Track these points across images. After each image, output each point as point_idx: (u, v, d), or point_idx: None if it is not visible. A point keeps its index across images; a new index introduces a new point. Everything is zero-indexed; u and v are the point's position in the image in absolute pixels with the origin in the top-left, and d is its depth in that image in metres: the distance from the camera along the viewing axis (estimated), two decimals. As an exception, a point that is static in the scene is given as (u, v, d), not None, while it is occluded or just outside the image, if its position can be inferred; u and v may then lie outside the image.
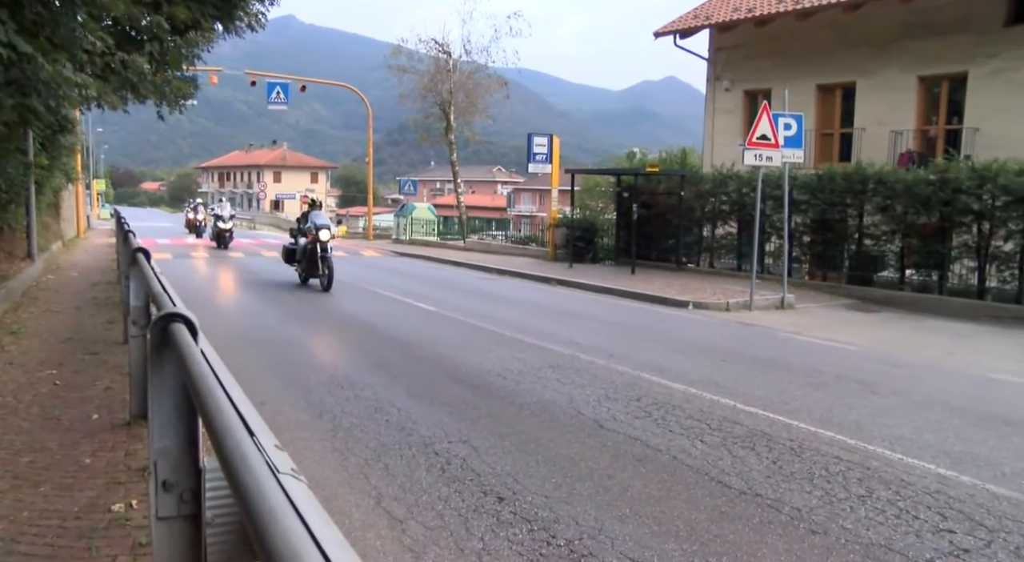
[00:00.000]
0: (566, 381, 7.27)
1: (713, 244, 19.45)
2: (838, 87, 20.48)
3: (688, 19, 22.73)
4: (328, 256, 13.91)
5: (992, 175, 13.56)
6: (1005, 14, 17.28)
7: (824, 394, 7.15)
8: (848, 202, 16.03)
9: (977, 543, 3.90)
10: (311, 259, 14.08)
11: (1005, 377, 8.38)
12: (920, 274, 15.36)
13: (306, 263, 14.32)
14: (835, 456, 5.20)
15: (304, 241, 14.50)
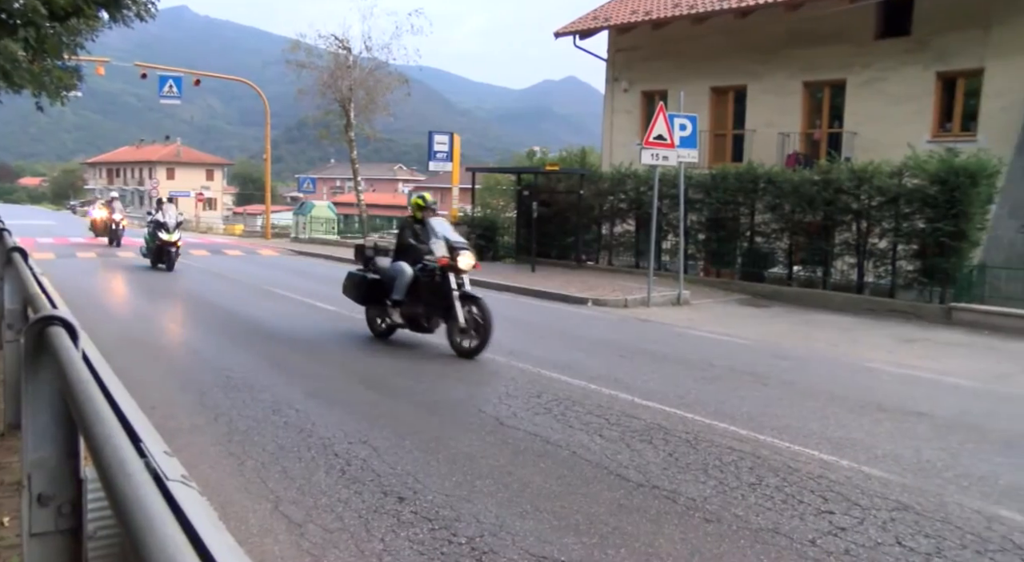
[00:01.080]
0: (467, 379, 7.29)
1: (612, 242, 19.83)
2: (730, 90, 21.21)
3: (587, 20, 23.09)
4: (476, 297, 8.51)
5: (868, 176, 14.34)
6: (876, 28, 18.34)
7: (718, 387, 7.40)
8: (740, 201, 16.63)
9: (852, 521, 4.13)
10: (441, 300, 8.54)
11: (880, 366, 8.90)
12: (806, 270, 16.09)
13: (429, 307, 8.77)
14: (728, 446, 5.40)
15: (408, 270, 8.94)
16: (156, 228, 17.11)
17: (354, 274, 9.78)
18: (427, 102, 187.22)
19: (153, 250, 17.26)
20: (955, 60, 17.17)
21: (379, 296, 9.29)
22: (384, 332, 9.51)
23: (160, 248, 17.04)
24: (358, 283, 9.59)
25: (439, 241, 8.76)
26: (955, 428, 6.21)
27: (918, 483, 4.79)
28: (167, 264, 17.07)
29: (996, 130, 16.46)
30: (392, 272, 9.10)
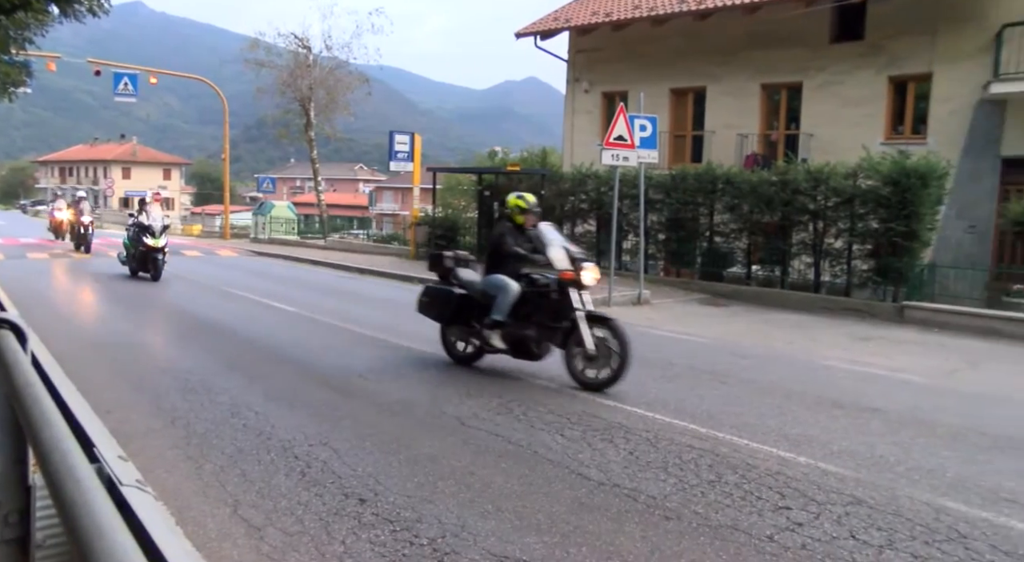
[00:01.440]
0: (428, 380, 7.27)
1: (573, 242, 19.86)
2: (690, 91, 21.43)
3: (548, 21, 23.16)
4: (606, 318, 7.29)
5: (824, 177, 14.60)
6: (831, 32, 18.70)
7: (678, 385, 7.48)
8: (700, 201, 16.81)
9: (808, 517, 4.20)
10: (559, 321, 7.29)
11: (836, 363, 9.07)
12: (765, 269, 16.33)
13: (542, 329, 7.45)
14: (688, 445, 5.45)
15: (513, 285, 7.54)
16: (140, 232, 15.07)
17: (437, 288, 8.17)
18: (388, 102, 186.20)
19: (136, 257, 15.29)
20: (906, 65, 17.56)
21: (468, 315, 7.87)
22: (468, 357, 8.05)
23: (145, 254, 15.05)
24: (444, 299, 7.99)
25: (557, 250, 7.35)
26: (907, 423, 6.35)
27: (871, 478, 4.88)
28: (152, 273, 15.04)
29: (945, 133, 16.87)
30: (491, 287, 7.64)
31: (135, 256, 15.29)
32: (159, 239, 14.97)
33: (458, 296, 7.93)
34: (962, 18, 16.75)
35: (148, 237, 14.91)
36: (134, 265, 15.45)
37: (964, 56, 16.68)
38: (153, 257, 15.00)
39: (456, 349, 8.13)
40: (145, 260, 15.13)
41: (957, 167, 16.12)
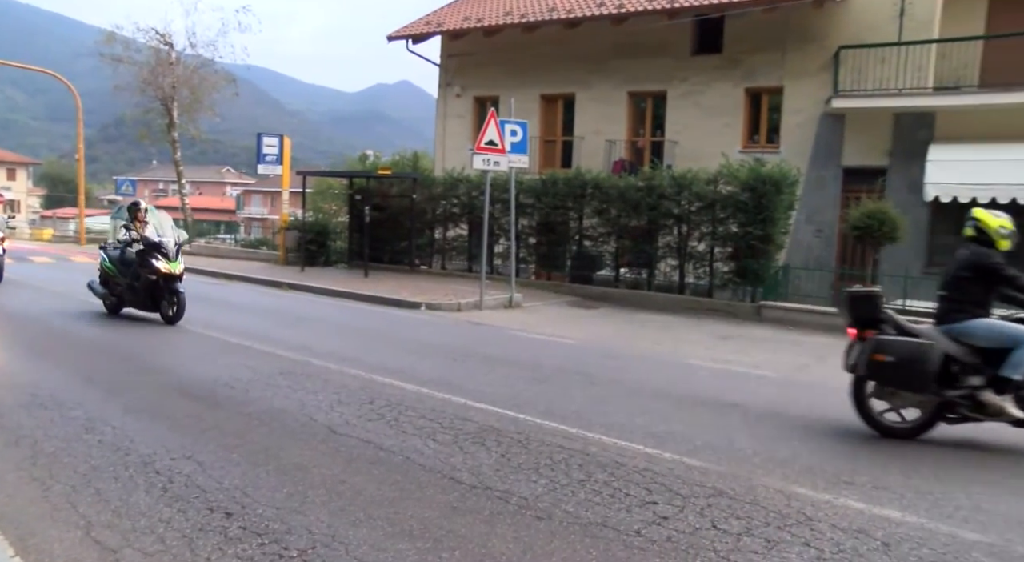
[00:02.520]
0: (298, 387, 7.10)
1: (445, 246, 19.94)
2: (560, 98, 21.88)
3: (420, 25, 23.10)
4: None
5: (688, 183, 15.25)
6: (692, 44, 19.57)
7: (548, 387, 7.61)
8: (569, 206, 17.19)
9: (674, 510, 4.37)
10: None
11: (699, 362, 9.49)
12: (632, 272, 16.87)
13: None
14: (559, 445, 5.56)
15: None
16: (145, 252, 10.84)
17: (905, 344, 5.98)
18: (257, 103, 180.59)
19: (135, 288, 10.93)
20: (760, 78, 18.59)
21: (950, 377, 6.00)
22: (917, 428, 6.15)
23: (153, 285, 10.75)
24: (921, 357, 5.86)
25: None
26: (763, 417, 6.72)
27: (731, 469, 5.13)
28: (172, 312, 10.74)
29: (794, 143, 17.98)
30: (998, 336, 5.96)
31: (133, 287, 10.97)
32: (176, 262, 10.87)
33: (934, 352, 5.90)
34: (807, 38, 17.93)
35: (159, 259, 10.71)
36: (129, 299, 11.19)
37: (809, 73, 17.85)
38: (172, 289, 10.75)
39: (886, 419, 6.26)
40: (154, 294, 10.85)
41: (805, 175, 17.23)
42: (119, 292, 11.32)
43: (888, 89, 16.57)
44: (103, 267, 11.53)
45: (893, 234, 14.25)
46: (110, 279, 11.43)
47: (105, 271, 11.49)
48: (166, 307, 10.81)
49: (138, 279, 10.87)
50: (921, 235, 16.39)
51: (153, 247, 10.84)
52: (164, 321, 10.75)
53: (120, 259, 11.29)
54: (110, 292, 11.47)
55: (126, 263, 11.16)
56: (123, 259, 11.24)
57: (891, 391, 6.10)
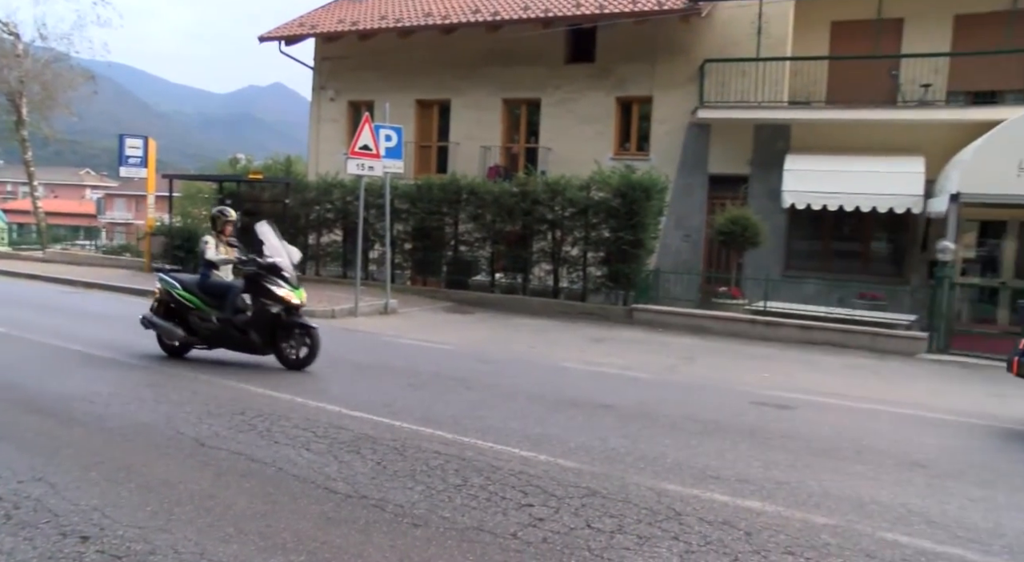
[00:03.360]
0: (164, 400, 6.78)
1: (319, 252, 19.57)
2: (435, 103, 21.86)
3: (294, 26, 22.58)
4: None
5: (561, 189, 15.55)
6: (566, 53, 20.02)
7: (424, 393, 7.57)
8: (445, 211, 17.19)
9: (549, 511, 4.43)
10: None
11: (572, 365, 9.68)
12: (507, 277, 17.05)
13: None
14: (435, 451, 5.54)
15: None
16: (261, 276, 8.55)
17: None
18: (119, 103, 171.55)
19: (238, 323, 8.51)
20: (631, 88, 19.19)
21: None
22: None
23: (274, 320, 8.53)
24: None
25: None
26: (634, 417, 6.92)
27: (605, 469, 5.25)
28: (303, 354, 8.52)
29: (663, 151, 18.65)
30: None
31: (232, 324, 8.53)
32: (298, 290, 8.72)
33: None
34: (675, 51, 18.67)
35: (280, 285, 8.55)
36: (220, 338, 8.67)
37: (677, 84, 18.58)
38: (300, 325, 8.60)
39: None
40: (274, 331, 8.57)
41: (674, 182, 17.91)
42: (202, 329, 8.63)
43: (749, 101, 17.45)
44: (176, 297, 8.70)
45: (755, 239, 14.99)
46: (187, 313, 8.68)
47: (179, 302, 8.70)
48: (291, 347, 8.55)
49: (237, 312, 8.52)
50: (780, 240, 17.33)
51: (269, 270, 8.58)
52: (285, 366, 8.49)
53: (202, 286, 8.78)
54: (186, 329, 8.71)
55: (213, 291, 8.73)
56: (207, 286, 8.79)
57: None
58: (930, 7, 17.31)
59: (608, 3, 18.78)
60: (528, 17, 19.07)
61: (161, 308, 8.84)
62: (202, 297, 8.72)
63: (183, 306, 8.70)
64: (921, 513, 4.67)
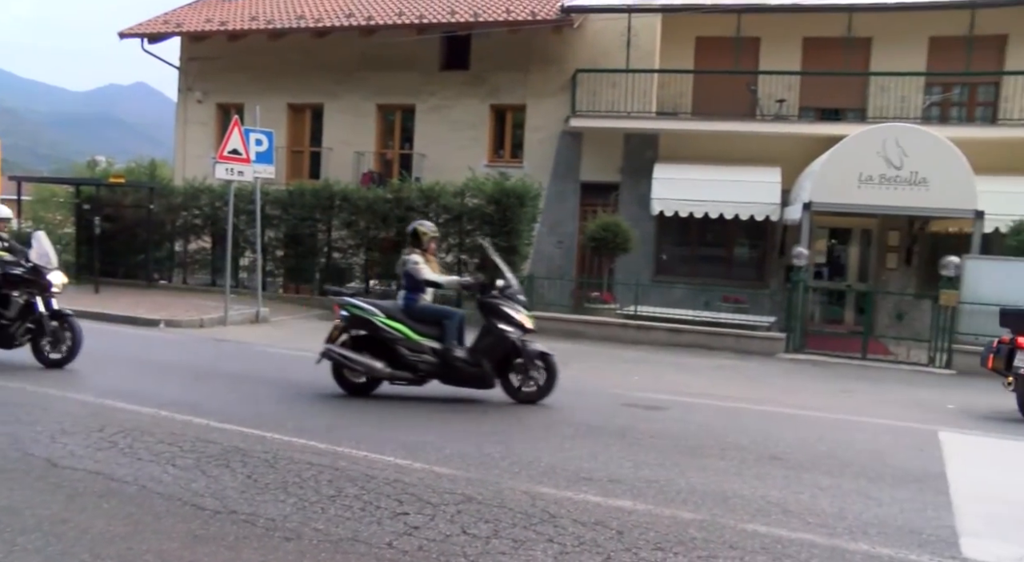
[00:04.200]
0: (10, 419, 6.34)
1: (187, 259, 18.82)
2: (308, 107, 21.44)
3: (158, 23, 21.60)
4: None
5: (436, 195, 15.60)
6: (441, 60, 20.09)
7: (297, 403, 7.42)
8: (318, 218, 16.90)
9: (425, 519, 4.43)
10: None
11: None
12: (382, 284, 16.90)
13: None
14: (308, 462, 5.43)
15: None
16: (499, 302, 7.93)
17: None
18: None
19: (466, 357, 7.77)
20: (505, 96, 19.45)
21: None
22: None
23: (511, 349, 7.85)
24: None
25: None
26: (509, 421, 7.03)
27: (480, 475, 5.29)
28: (539, 386, 7.97)
29: (537, 159, 19.00)
30: None
31: (455, 356, 7.80)
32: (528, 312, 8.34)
33: None
34: (548, 60, 19.06)
35: (517, 310, 8.03)
36: (440, 372, 7.89)
37: (550, 92, 18.97)
38: (540, 354, 8.00)
39: None
40: (507, 360, 7.96)
41: (547, 189, 18.27)
42: (419, 362, 7.71)
43: (619, 111, 18.02)
44: (380, 327, 7.67)
45: (625, 245, 15.47)
46: (393, 344, 7.68)
47: (382, 332, 7.68)
48: (528, 378, 7.92)
49: (460, 342, 7.84)
50: (649, 246, 17.96)
51: (503, 292, 7.92)
52: (514, 399, 7.90)
53: (410, 311, 7.85)
54: (391, 363, 7.72)
55: (426, 317, 7.85)
56: (417, 311, 7.88)
57: None
58: (783, 29, 18.41)
59: (482, 11, 18.97)
60: (402, 23, 19.01)
61: (347, 338, 7.82)
62: (411, 325, 7.73)
63: (387, 336, 7.65)
64: (778, 503, 4.96)
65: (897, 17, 17.59)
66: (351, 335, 7.76)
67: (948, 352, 12.76)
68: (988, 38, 17.47)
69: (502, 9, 18.92)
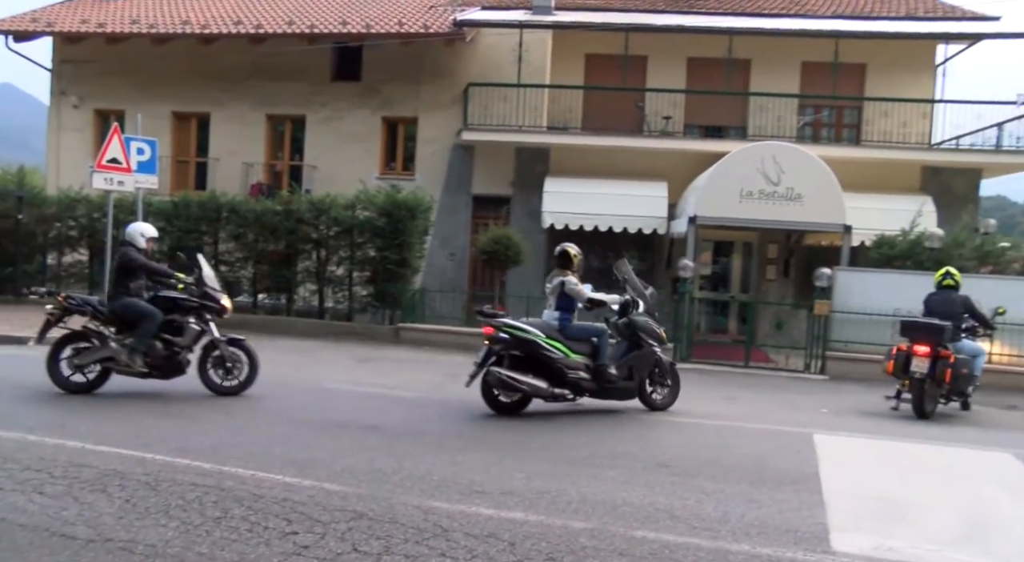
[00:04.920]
0: None
1: (61, 273, 17.85)
2: (194, 116, 20.77)
3: (26, 21, 20.43)
4: None
5: (326, 208, 15.38)
6: (332, 70, 19.86)
7: (180, 422, 7.15)
8: (204, 230, 16.36)
9: (314, 538, 4.34)
10: None
11: (338, 386, 9.60)
12: (271, 298, 16.53)
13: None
14: (191, 483, 5.23)
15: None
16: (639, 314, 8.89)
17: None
18: None
19: (644, 365, 8.73)
20: (397, 108, 19.41)
21: None
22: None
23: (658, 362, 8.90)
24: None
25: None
26: (401, 436, 6.96)
27: (371, 491, 5.23)
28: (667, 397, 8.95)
29: (429, 171, 19.03)
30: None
31: (640, 366, 8.72)
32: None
33: None
34: (440, 73, 19.15)
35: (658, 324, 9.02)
36: (619, 382, 8.56)
37: (442, 105, 19.04)
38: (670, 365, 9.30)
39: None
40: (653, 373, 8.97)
41: (439, 202, 18.32)
42: (579, 379, 8.19)
43: (510, 125, 18.25)
44: (543, 346, 8.03)
45: (517, 258, 15.63)
46: (550, 362, 8.05)
47: (541, 352, 8.04)
48: (661, 387, 8.89)
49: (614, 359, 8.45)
50: (541, 258, 18.18)
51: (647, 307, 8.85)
52: (649, 408, 8.75)
53: (566, 330, 8.29)
54: (551, 382, 8.11)
55: (579, 336, 8.33)
56: (573, 330, 8.35)
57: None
58: (667, 48, 19.10)
59: (375, 23, 18.87)
60: (293, 32, 18.68)
61: (504, 360, 8.02)
62: (566, 343, 8.13)
63: (549, 356, 7.99)
64: (666, 509, 5.11)
65: (773, 42, 18.54)
66: (507, 355, 8.05)
67: (822, 359, 13.44)
68: (851, 66, 18.69)
69: (394, 21, 18.86)
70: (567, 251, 8.55)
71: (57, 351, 8.19)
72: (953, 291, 9.99)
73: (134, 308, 8.20)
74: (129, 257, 8.34)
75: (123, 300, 8.23)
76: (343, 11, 20.14)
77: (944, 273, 10.20)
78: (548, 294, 8.46)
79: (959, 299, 9.90)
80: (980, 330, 10.14)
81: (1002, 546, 4.83)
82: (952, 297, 9.91)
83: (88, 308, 8.27)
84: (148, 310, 8.18)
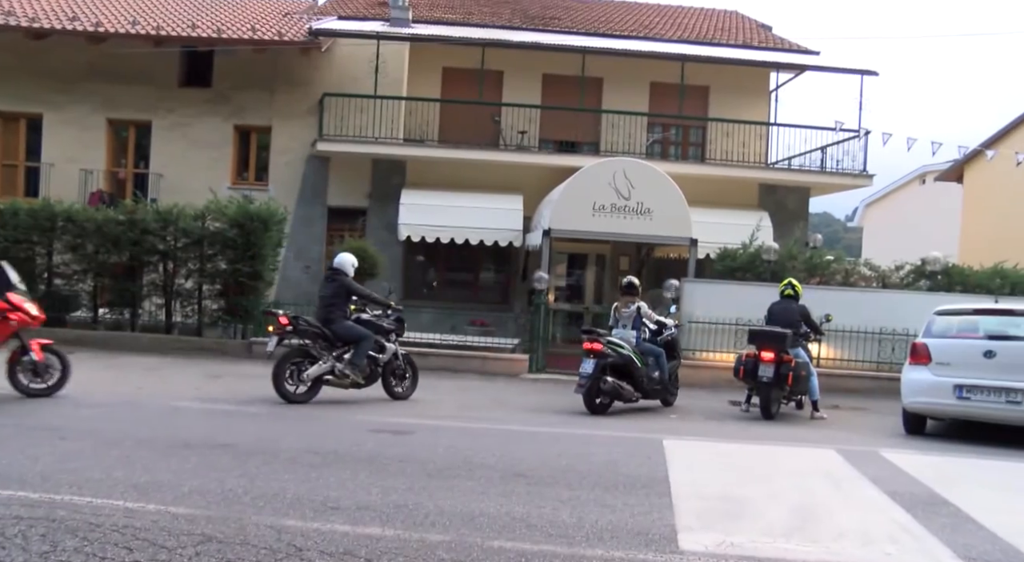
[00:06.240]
0: None
1: None
2: (23, 117, 19.37)
3: None
4: None
5: (174, 218, 14.75)
6: (180, 75, 19.09)
7: (3, 448, 6.63)
8: (36, 240, 15.30)
9: (157, 565, 4.15)
10: None
11: (188, 404, 9.20)
12: (114, 312, 15.66)
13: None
14: (16, 515, 4.85)
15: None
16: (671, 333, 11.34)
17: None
18: None
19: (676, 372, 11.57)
20: (249, 116, 18.86)
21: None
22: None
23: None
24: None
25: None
26: (253, 453, 6.75)
27: (221, 512, 5.05)
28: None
29: (283, 182, 18.61)
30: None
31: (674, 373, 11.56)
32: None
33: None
34: (295, 82, 18.80)
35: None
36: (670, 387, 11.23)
37: (297, 115, 18.68)
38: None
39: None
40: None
41: (294, 213, 17.94)
42: (653, 386, 10.57)
43: (367, 137, 18.11)
44: (630, 359, 10.25)
45: (373, 270, 15.49)
46: (634, 371, 10.24)
47: (630, 363, 10.21)
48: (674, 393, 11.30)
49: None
50: (397, 270, 18.14)
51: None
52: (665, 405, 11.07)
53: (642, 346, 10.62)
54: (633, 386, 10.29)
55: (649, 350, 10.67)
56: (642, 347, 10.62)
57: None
58: (523, 64, 19.53)
59: (226, 28, 18.28)
60: (137, 33, 17.78)
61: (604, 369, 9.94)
62: (641, 357, 10.31)
63: (633, 366, 10.17)
64: (522, 518, 5.20)
65: (624, 62, 19.33)
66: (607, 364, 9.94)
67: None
68: (696, 88, 19.74)
69: (247, 27, 18.34)
70: (634, 282, 10.79)
71: (281, 367, 9.42)
72: (793, 301, 10.93)
73: (354, 330, 9.72)
74: (349, 284, 9.99)
75: (343, 323, 9.75)
76: (193, 14, 19.38)
77: (787, 284, 11.17)
78: (624, 317, 10.45)
79: (798, 308, 10.83)
80: (812, 336, 11.15)
81: (824, 533, 5.25)
82: (792, 307, 10.83)
83: (316, 329, 9.70)
84: (366, 332, 9.80)
